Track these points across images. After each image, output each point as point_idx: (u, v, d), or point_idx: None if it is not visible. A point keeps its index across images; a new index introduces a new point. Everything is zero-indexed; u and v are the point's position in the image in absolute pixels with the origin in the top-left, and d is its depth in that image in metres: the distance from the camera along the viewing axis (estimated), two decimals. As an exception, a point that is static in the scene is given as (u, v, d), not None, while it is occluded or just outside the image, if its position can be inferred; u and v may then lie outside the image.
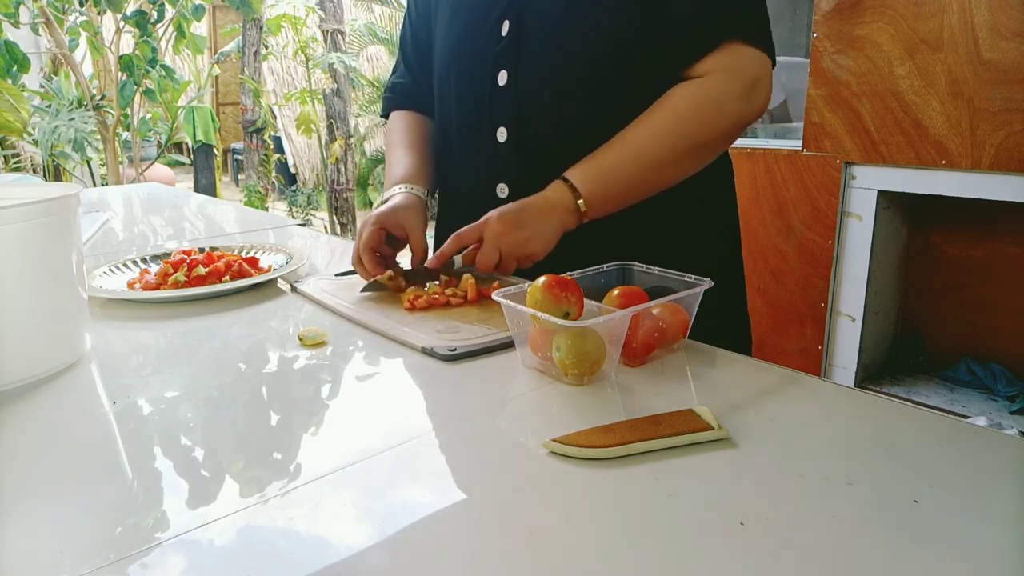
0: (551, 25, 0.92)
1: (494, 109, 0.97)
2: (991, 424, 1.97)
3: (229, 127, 9.70)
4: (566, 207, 0.87)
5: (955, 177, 1.91)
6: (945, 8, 1.87)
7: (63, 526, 0.47)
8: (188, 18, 4.44)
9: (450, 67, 1.03)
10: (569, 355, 0.65)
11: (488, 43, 0.96)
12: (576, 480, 0.51)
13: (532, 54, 0.93)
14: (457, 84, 1.02)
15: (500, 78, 0.95)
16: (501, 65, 0.95)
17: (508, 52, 0.95)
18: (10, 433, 0.60)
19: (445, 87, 1.05)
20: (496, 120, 0.97)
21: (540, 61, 0.93)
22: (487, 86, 0.97)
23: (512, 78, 0.95)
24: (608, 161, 0.88)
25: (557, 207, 0.87)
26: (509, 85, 0.95)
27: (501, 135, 0.97)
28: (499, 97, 0.96)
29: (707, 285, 0.74)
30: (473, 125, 1.01)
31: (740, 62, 0.88)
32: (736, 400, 0.64)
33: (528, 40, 0.93)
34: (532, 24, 0.93)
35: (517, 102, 0.95)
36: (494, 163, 1.00)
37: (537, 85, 0.94)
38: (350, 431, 0.61)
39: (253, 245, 1.18)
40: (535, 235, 0.86)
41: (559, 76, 0.93)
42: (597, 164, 0.89)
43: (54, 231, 0.71)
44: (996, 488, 0.50)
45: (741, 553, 0.43)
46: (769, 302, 2.31)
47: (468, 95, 1.01)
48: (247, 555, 0.44)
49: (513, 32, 0.94)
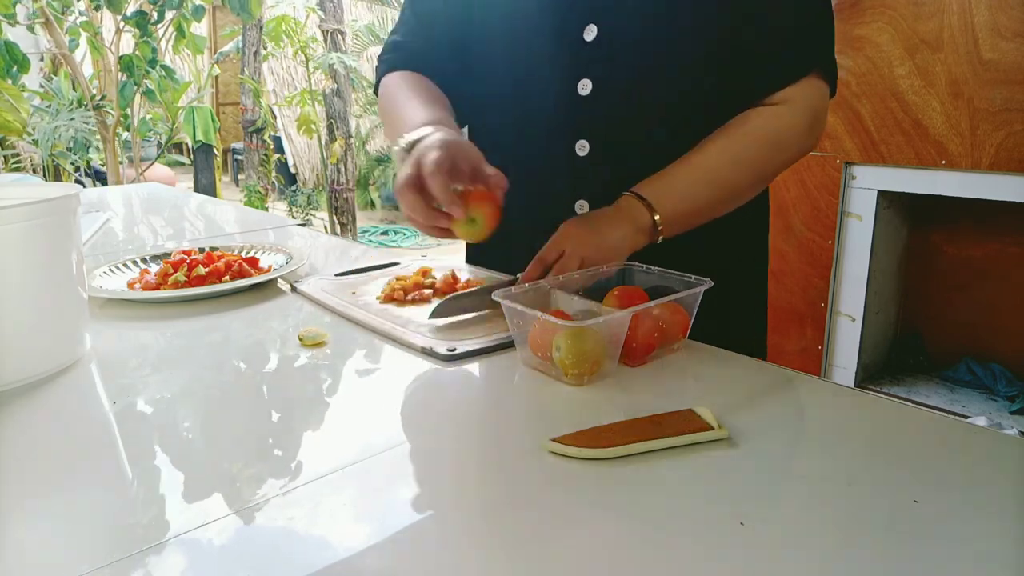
0: (640, 35, 0.86)
1: (575, 120, 0.90)
2: (991, 424, 1.97)
3: (229, 127, 9.70)
4: (640, 224, 0.82)
5: (955, 177, 1.91)
6: (945, 8, 1.87)
7: (63, 526, 0.47)
8: (188, 18, 4.44)
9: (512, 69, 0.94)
10: (569, 355, 0.65)
11: (569, 49, 0.89)
12: (576, 480, 0.51)
13: (619, 63, 0.87)
14: (523, 90, 0.94)
15: (582, 87, 0.88)
16: (583, 73, 0.88)
17: (594, 60, 0.88)
18: (10, 433, 0.60)
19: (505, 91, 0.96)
20: (578, 132, 0.90)
21: (628, 71, 0.87)
22: (565, 95, 0.89)
23: (596, 88, 0.88)
24: (683, 181, 0.84)
25: (628, 221, 0.82)
26: (592, 95, 0.88)
27: (582, 148, 0.90)
28: (581, 107, 0.89)
29: (707, 285, 0.74)
30: (547, 136, 0.93)
31: (812, 95, 0.86)
32: (736, 400, 0.64)
33: (616, 48, 0.87)
34: (621, 32, 0.87)
35: (601, 114, 0.89)
36: (573, 178, 0.92)
37: (619, 98, 0.88)
38: (350, 431, 0.61)
39: (253, 245, 1.18)
40: (609, 246, 0.81)
41: (643, 91, 0.88)
42: (672, 184, 0.84)
43: (54, 231, 0.71)
44: (996, 488, 0.50)
45: (741, 553, 0.43)
46: (769, 302, 2.31)
47: (540, 104, 0.93)
48: (247, 555, 0.44)
49: (602, 39, 0.87)
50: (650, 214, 0.83)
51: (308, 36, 5.62)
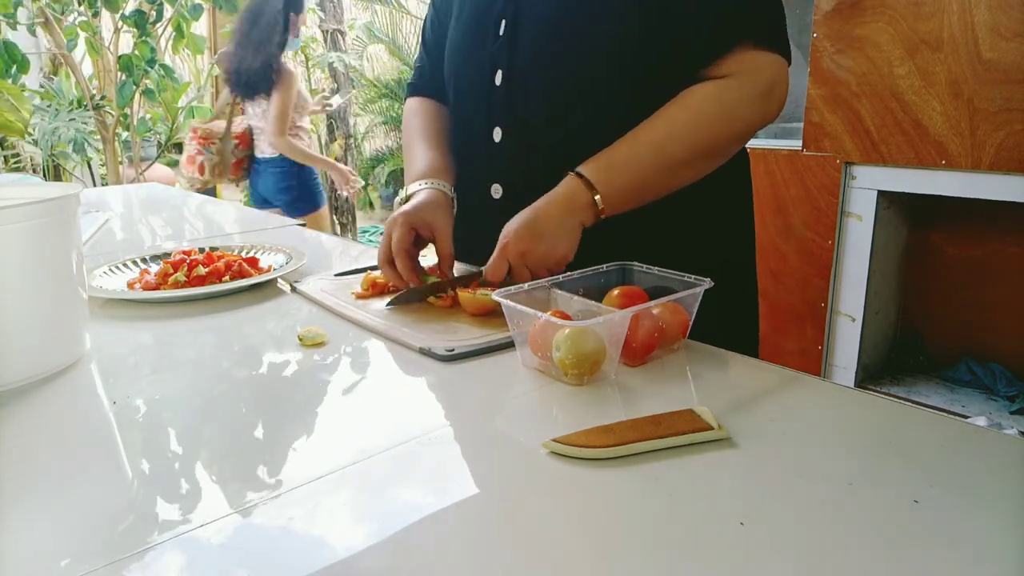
0: (546, 24, 0.91)
1: (491, 108, 0.97)
2: (991, 424, 1.97)
3: (229, 127, 9.68)
4: (582, 203, 0.85)
5: (955, 177, 1.91)
6: (945, 8, 1.87)
7: (63, 525, 0.47)
8: (187, 18, 4.44)
9: (454, 65, 1.03)
10: (569, 355, 0.65)
11: (486, 42, 0.96)
12: (576, 480, 0.51)
13: (526, 53, 0.93)
14: (457, 82, 1.03)
15: (497, 77, 0.95)
16: (497, 64, 0.95)
17: (503, 51, 0.94)
18: (10, 433, 0.60)
19: (449, 85, 1.05)
20: (492, 120, 0.97)
21: (533, 61, 0.93)
22: (485, 86, 0.97)
23: (507, 77, 0.94)
24: (623, 157, 0.87)
25: (573, 204, 0.85)
26: (504, 84, 0.95)
27: (497, 135, 0.97)
28: (495, 96, 0.96)
29: (707, 285, 0.74)
30: (470, 124, 1.01)
31: (756, 65, 0.87)
32: (736, 400, 0.64)
33: (522, 39, 0.93)
34: (527, 23, 0.93)
35: (511, 101, 0.95)
36: (489, 163, 0.99)
37: (531, 85, 0.93)
38: (349, 431, 0.61)
39: (253, 245, 1.18)
40: (556, 241, 0.84)
41: (554, 76, 0.92)
42: (610, 160, 0.87)
43: (54, 231, 0.71)
44: (996, 488, 0.50)
45: (741, 553, 0.43)
46: (769, 302, 2.31)
47: (467, 94, 1.01)
48: (246, 555, 0.44)
49: (509, 31, 0.94)
50: (591, 193, 0.85)
51: (308, 36, 5.61)
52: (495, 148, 0.97)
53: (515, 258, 0.83)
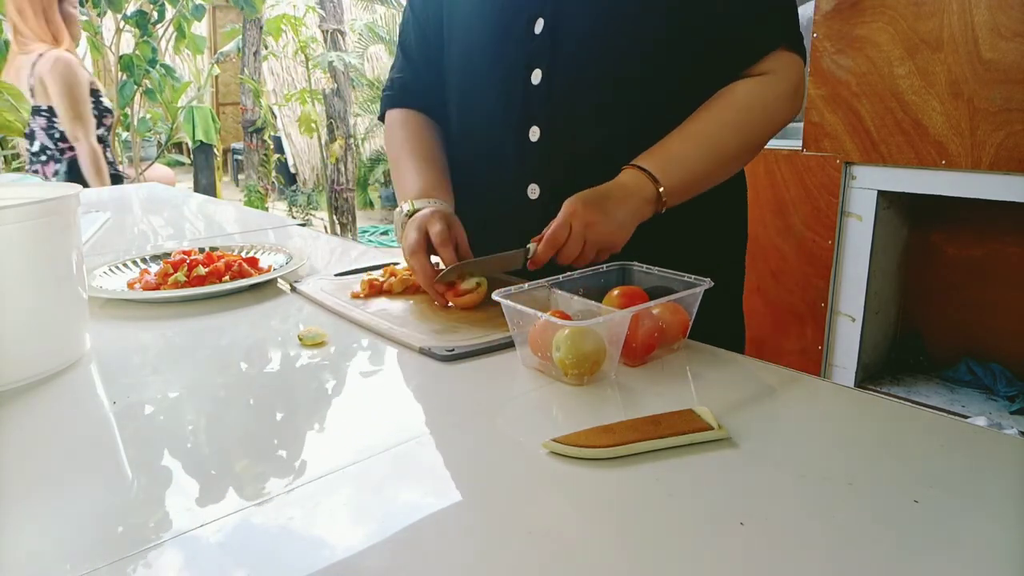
0: (590, 23, 0.90)
1: (527, 108, 0.94)
2: (991, 424, 1.97)
3: (229, 127, 9.70)
4: (645, 196, 0.84)
5: (955, 177, 1.91)
6: (945, 8, 1.87)
7: (63, 526, 0.47)
8: (188, 18, 4.44)
9: (475, 64, 1.00)
10: (569, 355, 0.65)
11: (521, 41, 0.94)
12: (576, 480, 0.51)
13: (569, 52, 0.91)
14: (485, 82, 0.99)
15: (534, 77, 0.93)
16: (535, 63, 0.93)
17: (544, 50, 0.92)
18: (10, 433, 0.60)
19: (468, 85, 1.02)
20: (529, 119, 0.95)
21: (577, 59, 0.91)
22: (519, 84, 0.94)
23: (547, 76, 0.92)
24: (678, 151, 0.87)
25: (635, 195, 0.84)
26: (544, 83, 0.93)
27: (534, 134, 0.94)
28: (533, 96, 0.94)
29: (707, 285, 0.74)
30: (502, 124, 0.97)
31: (790, 65, 0.91)
32: (736, 400, 0.64)
33: (564, 38, 0.91)
34: (570, 21, 0.91)
35: (552, 100, 0.93)
36: (525, 163, 0.96)
37: (575, 83, 0.92)
38: (350, 431, 0.61)
39: (253, 245, 1.18)
40: (617, 225, 0.83)
41: (598, 74, 0.91)
42: (668, 154, 0.86)
43: (54, 231, 0.71)
44: (996, 488, 0.50)
45: (741, 553, 0.43)
46: (769, 302, 2.31)
47: (498, 93, 0.97)
48: (246, 555, 0.44)
49: (548, 30, 0.92)
50: (655, 186, 0.85)
51: (308, 36, 5.61)
52: (531, 148, 0.95)
53: (580, 227, 0.81)
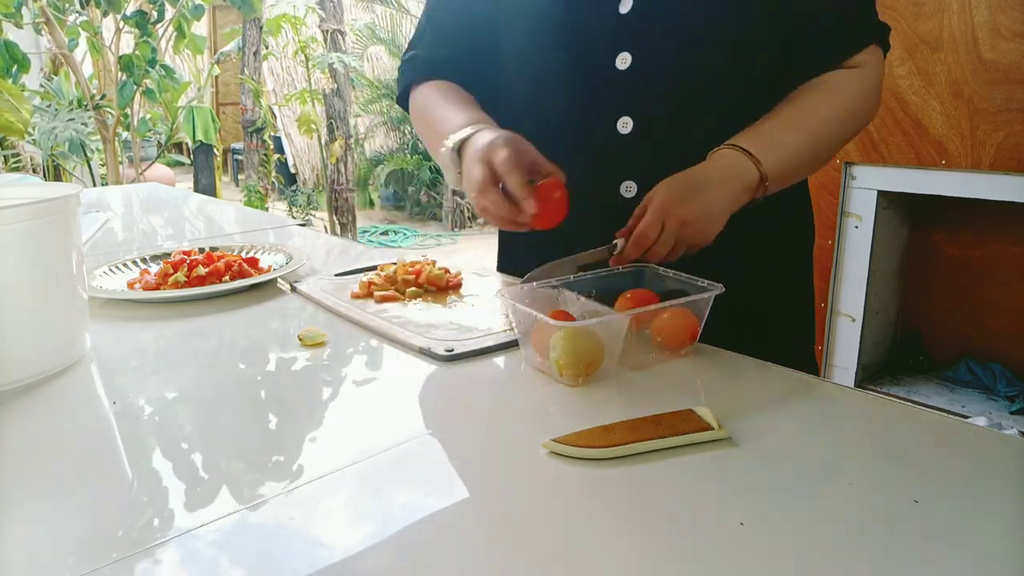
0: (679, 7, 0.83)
1: (614, 96, 0.86)
2: (991, 424, 1.97)
3: (229, 127, 9.69)
4: (746, 180, 0.77)
5: (955, 177, 1.91)
6: (945, 8, 1.87)
7: (63, 526, 0.47)
8: (188, 18, 4.44)
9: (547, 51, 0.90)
10: (564, 355, 0.65)
11: (604, 22, 0.85)
12: (576, 480, 0.51)
13: (657, 36, 0.83)
14: (560, 70, 0.90)
15: (620, 61, 0.85)
16: (622, 47, 0.84)
17: (630, 32, 0.84)
18: (10, 433, 0.60)
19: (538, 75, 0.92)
20: (618, 109, 0.86)
21: (667, 44, 0.83)
22: (602, 71, 0.86)
23: (636, 61, 0.84)
24: (782, 135, 0.81)
25: (734, 178, 0.77)
26: (632, 69, 0.84)
27: (624, 126, 0.86)
28: (620, 82, 0.85)
29: (718, 290, 0.73)
30: (584, 116, 0.88)
31: (878, 61, 0.88)
32: (736, 400, 0.64)
33: (652, 20, 0.83)
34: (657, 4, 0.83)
35: (643, 88, 0.85)
36: (617, 158, 0.88)
37: (665, 69, 0.84)
38: (350, 431, 0.61)
39: (253, 245, 1.18)
40: (716, 221, 0.76)
41: (688, 61, 0.84)
42: (771, 136, 0.80)
43: (54, 231, 0.71)
44: (996, 488, 0.50)
45: (741, 553, 0.43)
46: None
47: (577, 81, 0.88)
48: (246, 555, 0.44)
49: (637, 11, 0.83)
50: (756, 168, 0.78)
51: (308, 36, 5.61)
52: (623, 141, 0.86)
53: (674, 224, 0.75)
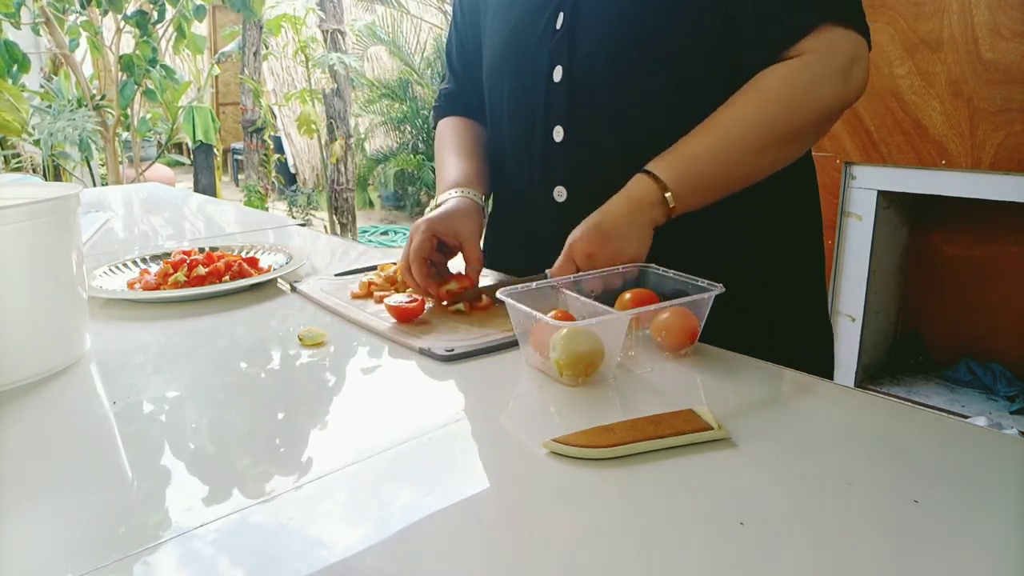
0: (607, 15, 0.87)
1: (549, 106, 0.92)
2: (991, 424, 1.97)
3: (229, 127, 9.69)
4: (651, 201, 0.81)
5: (955, 177, 1.91)
6: (945, 8, 1.87)
7: (63, 525, 0.47)
8: (188, 18, 4.44)
9: (502, 64, 0.99)
10: (563, 355, 0.65)
11: (542, 38, 0.92)
12: (576, 480, 0.51)
13: (587, 47, 0.88)
14: (510, 81, 0.98)
15: (555, 74, 0.91)
16: (556, 60, 0.90)
17: (562, 46, 0.89)
18: (10, 433, 0.60)
19: (496, 86, 1.01)
20: (551, 118, 0.92)
21: (595, 55, 0.88)
22: (541, 83, 0.92)
23: (567, 73, 0.90)
24: (692, 149, 0.82)
25: (642, 203, 0.81)
26: (564, 81, 0.90)
27: (558, 134, 0.92)
28: (553, 94, 0.91)
29: (718, 290, 0.73)
30: (527, 124, 0.95)
31: (836, 41, 0.81)
32: (737, 400, 0.64)
33: (582, 32, 0.88)
34: (587, 15, 0.88)
35: (572, 98, 0.90)
36: (551, 165, 0.94)
37: (594, 80, 0.88)
38: (349, 431, 0.61)
39: (253, 245, 1.18)
40: (625, 243, 0.80)
41: (618, 69, 0.87)
42: (681, 153, 0.82)
43: (54, 231, 0.71)
44: (996, 488, 0.50)
45: (741, 553, 0.43)
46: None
47: (521, 93, 0.96)
48: (247, 555, 0.44)
49: (567, 24, 0.89)
50: (660, 190, 0.81)
51: (308, 36, 5.61)
52: (556, 148, 0.93)
53: (582, 259, 0.80)
